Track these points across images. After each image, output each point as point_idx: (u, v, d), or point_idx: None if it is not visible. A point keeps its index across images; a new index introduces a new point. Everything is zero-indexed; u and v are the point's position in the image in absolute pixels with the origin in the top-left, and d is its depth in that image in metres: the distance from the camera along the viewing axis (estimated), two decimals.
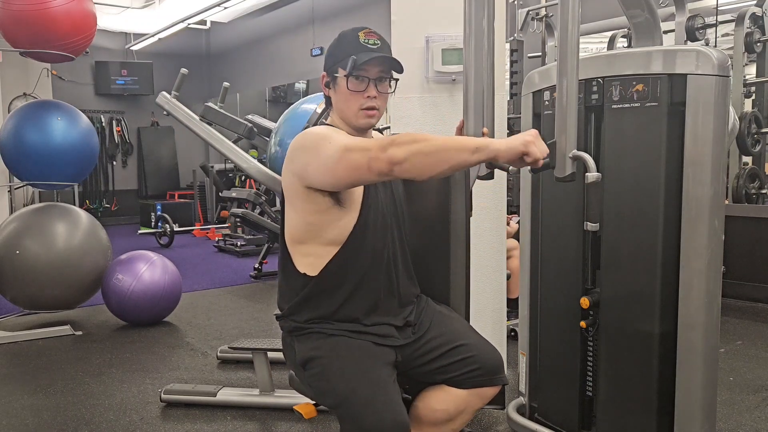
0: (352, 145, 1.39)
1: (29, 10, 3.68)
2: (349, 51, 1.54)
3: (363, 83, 1.54)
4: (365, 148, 1.36)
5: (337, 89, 1.57)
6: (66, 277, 3.87)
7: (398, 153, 1.31)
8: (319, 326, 1.57)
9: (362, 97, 1.55)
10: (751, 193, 4.46)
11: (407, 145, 1.31)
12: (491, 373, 1.60)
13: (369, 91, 1.55)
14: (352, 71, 1.52)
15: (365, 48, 1.55)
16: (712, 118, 1.72)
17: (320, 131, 1.50)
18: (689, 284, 1.78)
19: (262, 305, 4.66)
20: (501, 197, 2.71)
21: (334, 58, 1.58)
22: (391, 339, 1.57)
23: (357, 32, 1.57)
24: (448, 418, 1.60)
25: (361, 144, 1.38)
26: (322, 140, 1.45)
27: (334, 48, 1.60)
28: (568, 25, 1.63)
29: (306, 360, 1.56)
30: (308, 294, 1.56)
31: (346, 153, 1.38)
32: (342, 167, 1.39)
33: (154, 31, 9.63)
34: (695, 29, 4.06)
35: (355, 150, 1.37)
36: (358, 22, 1.66)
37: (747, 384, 2.88)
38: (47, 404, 2.79)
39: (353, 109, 1.56)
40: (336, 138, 1.44)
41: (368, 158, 1.34)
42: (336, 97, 1.59)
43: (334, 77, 1.57)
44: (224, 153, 4.75)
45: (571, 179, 1.71)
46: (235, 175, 8.18)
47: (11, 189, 6.95)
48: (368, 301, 1.57)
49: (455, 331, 1.64)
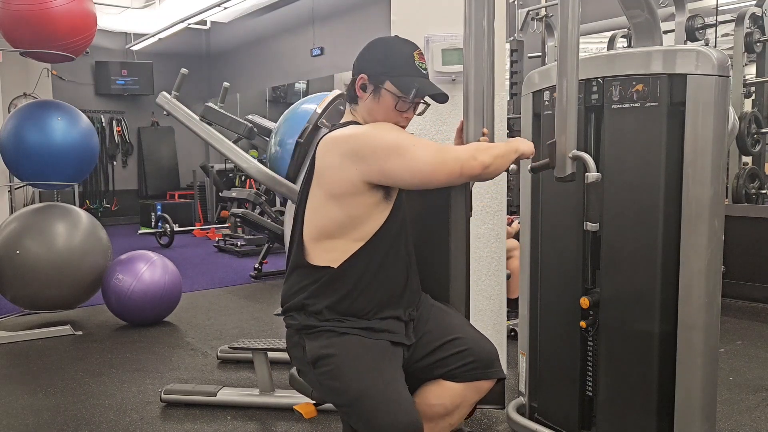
0: (445, 152, 1.53)
1: (29, 10, 3.68)
2: (404, 70, 1.59)
3: (406, 105, 1.61)
4: (457, 157, 1.52)
5: (380, 100, 1.60)
6: (66, 277, 3.87)
7: (486, 159, 1.54)
8: (330, 324, 1.56)
9: (401, 116, 1.62)
10: (751, 193, 4.46)
11: (487, 151, 1.56)
12: (486, 366, 1.60)
13: (408, 113, 1.63)
14: (414, 97, 1.59)
15: (421, 73, 1.61)
16: (712, 118, 1.72)
17: (389, 132, 1.56)
18: (689, 284, 1.78)
19: (262, 305, 4.66)
20: (501, 197, 2.71)
21: (384, 69, 1.60)
22: (400, 335, 1.59)
23: (412, 51, 1.62)
24: (445, 412, 1.60)
25: (452, 151, 1.54)
26: (404, 142, 1.52)
27: (383, 57, 1.61)
28: (568, 25, 1.63)
29: (317, 358, 1.56)
30: (327, 282, 1.57)
31: (442, 159, 1.51)
32: (440, 171, 1.51)
33: (154, 31, 9.63)
34: (695, 29, 4.06)
35: (449, 157, 1.52)
36: (358, 22, 1.66)
37: (747, 384, 2.88)
38: (47, 404, 2.80)
39: (388, 123, 1.62)
40: (420, 142, 1.53)
41: (461, 164, 1.51)
42: (372, 105, 1.62)
43: (379, 87, 1.59)
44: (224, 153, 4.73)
45: (571, 179, 1.71)
46: (235, 175, 8.18)
47: (11, 189, 6.95)
48: (384, 293, 1.59)
49: (450, 325, 1.65)
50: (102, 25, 6.40)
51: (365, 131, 1.56)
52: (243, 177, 8.03)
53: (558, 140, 1.68)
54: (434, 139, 2.64)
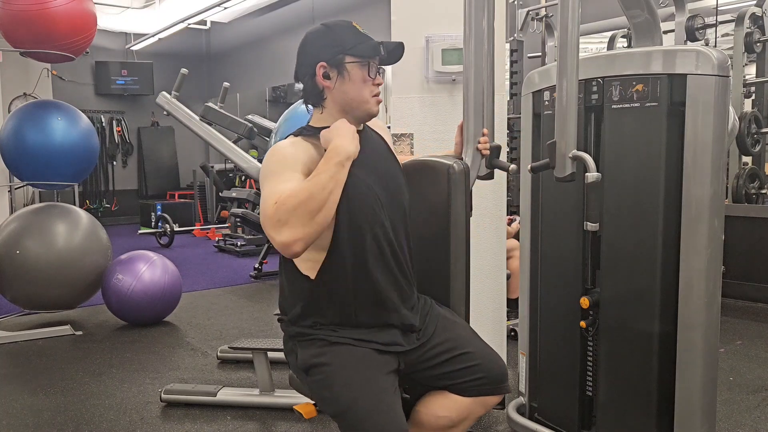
0: (263, 214, 1.37)
1: (29, 10, 3.68)
2: (356, 39, 1.53)
3: (373, 71, 1.55)
4: (268, 234, 1.36)
5: (349, 77, 1.53)
6: (66, 277, 3.87)
7: (288, 236, 1.34)
8: (322, 332, 1.55)
9: (374, 84, 1.56)
10: (751, 193, 4.46)
11: (290, 219, 1.33)
12: (496, 383, 1.60)
13: (378, 79, 1.57)
14: (385, 59, 1.54)
15: (369, 38, 1.55)
16: (712, 118, 1.72)
17: (274, 163, 1.46)
18: (689, 284, 1.78)
19: (262, 305, 4.66)
20: (501, 197, 2.71)
21: (337, 48, 1.52)
22: (395, 346, 1.56)
23: (350, 23, 1.57)
24: (450, 424, 1.60)
25: (262, 220, 1.37)
26: (264, 185, 1.43)
27: (329, 39, 1.54)
28: (568, 25, 1.63)
29: (308, 367, 1.55)
30: (314, 298, 1.54)
31: (265, 219, 1.37)
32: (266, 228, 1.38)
33: (154, 31, 9.63)
34: (695, 29, 4.06)
35: (267, 223, 1.36)
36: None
37: (747, 384, 2.88)
38: (47, 404, 2.79)
39: (366, 97, 1.55)
40: (268, 187, 1.41)
41: (272, 241, 1.36)
42: (343, 86, 1.53)
43: (342, 66, 1.52)
44: (224, 153, 4.75)
45: (571, 179, 1.71)
46: (235, 175, 8.17)
47: (11, 189, 6.94)
48: (369, 298, 1.54)
49: (460, 338, 1.63)
50: (102, 25, 6.40)
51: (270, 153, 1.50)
52: (243, 177, 8.03)
53: (558, 140, 1.68)
54: (434, 138, 2.64)
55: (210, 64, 11.47)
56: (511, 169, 1.86)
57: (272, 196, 1.38)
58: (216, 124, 5.01)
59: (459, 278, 1.73)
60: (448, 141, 2.59)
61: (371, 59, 1.54)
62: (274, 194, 1.38)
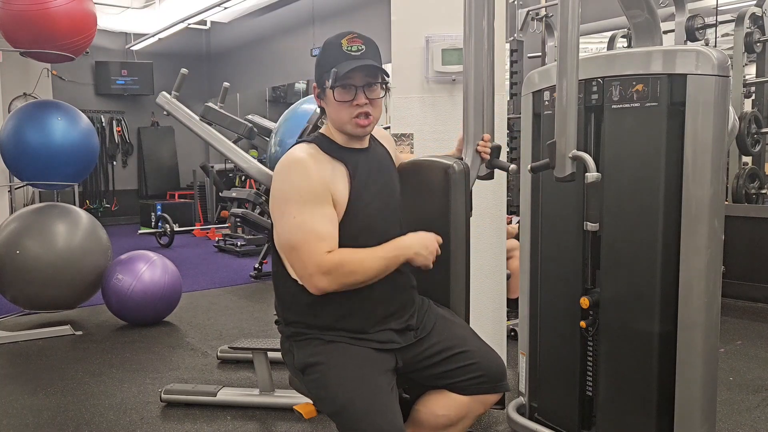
0: (300, 248, 1.47)
1: (29, 10, 3.68)
2: (333, 61, 1.52)
3: (350, 92, 1.52)
4: (303, 265, 1.47)
5: (327, 100, 1.55)
6: (66, 277, 3.87)
7: (326, 285, 1.47)
8: (318, 332, 1.56)
9: (352, 106, 1.53)
10: (751, 193, 4.46)
11: (338, 278, 1.47)
12: (494, 381, 1.60)
13: (358, 99, 1.52)
14: (335, 83, 1.50)
15: (348, 56, 1.52)
16: (712, 118, 1.72)
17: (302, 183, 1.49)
18: (689, 284, 1.78)
19: (262, 305, 4.66)
20: (501, 197, 2.71)
21: (321, 69, 1.55)
22: (391, 344, 1.57)
23: (340, 39, 1.54)
24: (449, 423, 1.60)
25: (304, 253, 1.46)
26: (285, 204, 1.49)
27: (320, 58, 1.57)
28: (568, 25, 1.63)
29: (305, 366, 1.56)
30: (309, 303, 1.55)
31: (292, 249, 1.49)
32: (288, 258, 1.53)
33: (154, 31, 9.62)
34: (695, 29, 4.06)
35: (297, 258, 1.48)
36: (358, 22, 1.64)
37: (747, 384, 2.88)
38: (47, 404, 2.79)
39: (345, 119, 1.54)
40: (293, 212, 1.47)
41: (303, 273, 1.48)
42: (328, 108, 1.57)
43: (324, 88, 1.55)
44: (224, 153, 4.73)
45: (571, 179, 1.71)
46: (235, 175, 8.17)
47: (11, 189, 6.94)
48: (368, 308, 1.55)
49: (458, 337, 1.63)
50: (102, 25, 6.40)
51: (283, 166, 1.52)
52: (243, 177, 8.02)
53: (558, 140, 1.68)
54: (434, 138, 2.64)
55: (210, 64, 11.47)
56: (511, 169, 1.86)
57: (317, 238, 1.46)
58: (216, 124, 5.00)
59: (459, 278, 1.73)
60: (448, 141, 2.59)
61: (335, 83, 1.51)
62: (319, 235, 1.47)
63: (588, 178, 1.64)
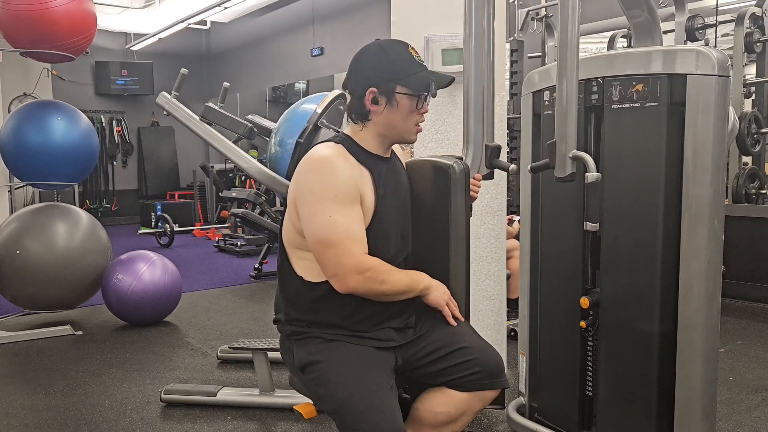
0: (337, 245, 1.47)
1: (29, 10, 3.67)
2: (409, 68, 1.55)
3: (418, 101, 1.57)
4: (338, 262, 1.47)
5: (397, 106, 1.55)
6: (66, 277, 3.87)
7: (356, 285, 1.49)
8: (318, 331, 1.57)
9: (418, 114, 1.58)
10: (751, 193, 4.46)
11: (368, 282, 1.49)
12: (493, 376, 1.60)
13: (424, 108, 1.60)
14: (434, 92, 1.55)
15: (423, 66, 1.57)
16: (712, 118, 1.72)
17: (320, 181, 1.49)
18: (689, 284, 1.78)
19: (262, 305, 4.66)
20: (501, 197, 2.71)
21: (390, 75, 1.54)
22: (390, 342, 1.58)
23: (406, 48, 1.58)
24: (449, 420, 1.60)
25: (340, 251, 1.47)
26: (318, 201, 1.48)
27: (384, 64, 1.55)
28: (568, 25, 1.63)
29: (304, 364, 1.56)
30: (313, 299, 1.56)
31: (327, 247, 1.48)
32: (320, 255, 1.50)
33: (154, 31, 9.62)
34: (695, 29, 4.06)
35: (332, 254, 1.48)
36: (358, 22, 1.65)
37: (747, 384, 2.88)
38: (47, 404, 2.79)
39: (409, 127, 1.58)
40: (328, 211, 1.47)
41: (336, 271, 1.48)
42: (390, 114, 1.56)
43: (392, 95, 1.54)
44: (224, 153, 4.74)
45: (571, 179, 1.71)
46: (235, 175, 8.17)
47: (11, 189, 6.95)
48: (370, 308, 1.57)
49: (456, 333, 1.64)
50: (102, 25, 6.40)
51: (312, 163, 1.52)
52: (243, 177, 8.03)
53: (558, 140, 1.68)
54: (434, 138, 2.64)
55: (210, 64, 11.47)
56: (511, 169, 1.86)
57: (353, 238, 1.48)
58: (216, 124, 5.00)
59: (459, 278, 1.73)
60: (448, 141, 2.59)
61: (423, 93, 1.56)
62: (355, 236, 1.49)
63: (588, 178, 1.64)
